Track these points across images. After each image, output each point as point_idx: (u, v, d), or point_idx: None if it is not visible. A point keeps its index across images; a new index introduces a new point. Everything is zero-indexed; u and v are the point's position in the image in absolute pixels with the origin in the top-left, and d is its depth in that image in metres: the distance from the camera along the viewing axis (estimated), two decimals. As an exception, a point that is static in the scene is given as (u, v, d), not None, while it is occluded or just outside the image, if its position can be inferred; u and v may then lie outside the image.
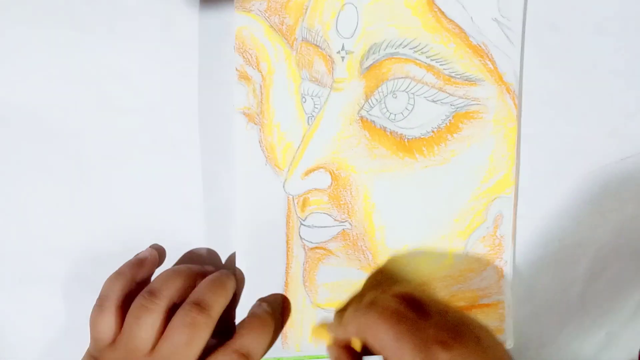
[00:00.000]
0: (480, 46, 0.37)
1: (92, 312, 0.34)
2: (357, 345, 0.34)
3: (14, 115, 0.37)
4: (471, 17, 0.36)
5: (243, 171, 0.37)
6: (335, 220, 0.38)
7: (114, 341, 0.34)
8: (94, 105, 0.37)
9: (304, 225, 0.38)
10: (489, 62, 0.37)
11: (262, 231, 0.38)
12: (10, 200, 0.38)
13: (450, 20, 0.36)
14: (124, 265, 0.36)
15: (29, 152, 0.37)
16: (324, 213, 0.38)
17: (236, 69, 0.36)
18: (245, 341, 0.35)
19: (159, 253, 0.38)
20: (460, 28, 0.36)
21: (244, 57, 0.36)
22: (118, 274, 0.36)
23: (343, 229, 0.38)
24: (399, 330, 0.30)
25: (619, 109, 0.38)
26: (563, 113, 0.38)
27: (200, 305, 0.33)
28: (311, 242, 0.38)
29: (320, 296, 0.38)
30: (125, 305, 0.34)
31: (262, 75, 0.36)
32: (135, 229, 0.38)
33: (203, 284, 0.35)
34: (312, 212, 0.38)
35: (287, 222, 0.38)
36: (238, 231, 0.37)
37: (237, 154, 0.37)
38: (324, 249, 0.38)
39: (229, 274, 0.36)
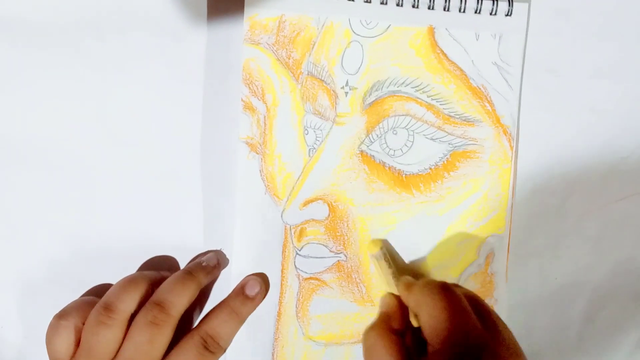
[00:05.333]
0: (479, 88, 0.38)
1: (48, 328, 0.34)
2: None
3: (23, 147, 0.37)
4: (472, 60, 0.37)
5: (243, 199, 0.37)
6: (330, 251, 0.38)
7: (72, 357, 0.33)
8: (99, 135, 0.37)
9: (300, 255, 0.38)
10: (487, 104, 0.38)
11: (258, 259, 0.38)
12: (19, 228, 0.38)
13: (452, 62, 0.37)
14: (70, 305, 0.35)
15: (37, 182, 0.38)
16: (320, 244, 0.38)
17: (241, 100, 0.37)
18: (211, 325, 0.35)
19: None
20: (461, 70, 0.37)
21: (249, 88, 0.37)
22: (64, 315, 0.34)
23: (338, 260, 0.38)
24: (458, 321, 0.31)
25: (615, 150, 0.39)
26: (560, 154, 0.39)
27: (161, 305, 0.33)
28: (306, 273, 0.38)
29: (313, 328, 0.39)
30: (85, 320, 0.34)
31: (266, 107, 0.37)
32: (136, 256, 0.38)
33: (164, 284, 0.34)
34: (309, 243, 0.38)
35: (283, 252, 0.38)
36: (234, 258, 0.38)
37: (238, 183, 0.37)
38: (318, 279, 0.38)
39: (192, 274, 0.35)
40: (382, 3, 0.36)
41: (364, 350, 0.33)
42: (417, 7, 0.37)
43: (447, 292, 0.32)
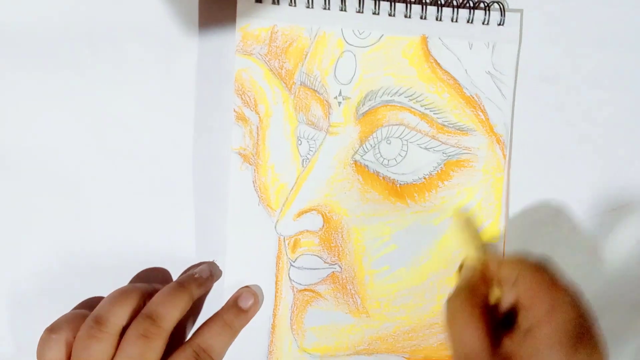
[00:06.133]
0: (473, 97, 0.37)
1: (39, 342, 0.33)
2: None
3: (15, 157, 0.37)
4: (465, 70, 0.37)
5: (236, 211, 0.37)
6: (325, 262, 0.38)
7: None
8: (91, 145, 0.37)
9: (294, 266, 0.38)
10: (480, 113, 0.38)
11: (252, 271, 0.38)
12: (10, 240, 0.38)
13: (445, 72, 0.37)
14: (60, 319, 0.35)
15: (28, 193, 0.37)
16: (315, 255, 0.38)
17: (234, 110, 0.37)
18: (204, 338, 0.34)
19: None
20: (454, 79, 0.37)
21: (242, 98, 0.37)
22: (54, 329, 0.34)
23: (333, 272, 0.38)
24: (563, 300, 0.30)
25: (609, 160, 0.39)
26: (553, 164, 0.39)
27: (152, 317, 0.33)
28: (300, 284, 0.38)
29: (307, 340, 0.38)
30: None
31: (259, 117, 0.37)
32: (128, 268, 0.37)
33: (157, 297, 0.34)
34: (303, 254, 0.38)
35: (277, 263, 0.38)
36: (227, 270, 0.37)
37: (231, 194, 0.37)
38: (313, 291, 0.38)
39: (184, 286, 0.35)
40: (374, 13, 0.36)
41: (447, 318, 0.32)
42: (410, 17, 0.37)
43: (550, 266, 0.32)
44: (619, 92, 0.39)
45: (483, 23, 0.37)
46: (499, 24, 0.37)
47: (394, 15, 0.36)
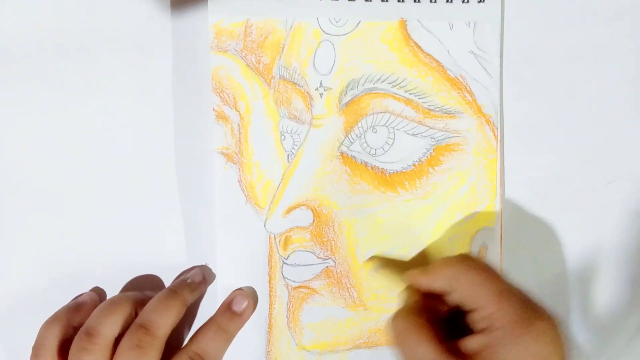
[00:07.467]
0: (458, 79, 0.37)
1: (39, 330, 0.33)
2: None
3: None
4: (448, 51, 0.36)
5: (223, 212, 0.36)
6: (318, 257, 0.37)
7: None
8: (72, 156, 0.37)
9: (287, 264, 0.37)
10: (467, 94, 0.37)
11: (244, 272, 0.37)
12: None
13: (427, 54, 0.36)
14: (60, 309, 0.35)
15: (11, 206, 0.37)
16: (307, 251, 0.37)
17: (213, 109, 0.36)
18: (199, 344, 0.34)
19: (99, 295, 0.37)
20: (437, 61, 0.36)
21: (220, 97, 0.36)
22: (54, 319, 0.34)
23: (327, 267, 0.37)
24: (502, 287, 0.31)
25: (598, 135, 0.38)
26: (544, 142, 0.38)
27: (145, 327, 0.32)
28: (294, 282, 0.37)
29: (306, 337, 0.37)
30: (64, 352, 0.33)
31: (239, 115, 0.36)
32: (118, 278, 0.37)
33: (149, 306, 0.34)
34: (295, 251, 0.37)
35: (269, 262, 0.37)
36: (219, 273, 0.37)
37: (217, 195, 0.36)
38: (308, 287, 0.37)
39: (177, 292, 0.34)
40: (350, -1, 0.36)
41: (394, 337, 0.32)
42: (387, 0, 0.36)
43: (474, 259, 0.33)
44: (602, 67, 0.38)
45: (463, 1, 0.36)
46: (480, 1, 0.36)
47: (370, 0, 0.36)
